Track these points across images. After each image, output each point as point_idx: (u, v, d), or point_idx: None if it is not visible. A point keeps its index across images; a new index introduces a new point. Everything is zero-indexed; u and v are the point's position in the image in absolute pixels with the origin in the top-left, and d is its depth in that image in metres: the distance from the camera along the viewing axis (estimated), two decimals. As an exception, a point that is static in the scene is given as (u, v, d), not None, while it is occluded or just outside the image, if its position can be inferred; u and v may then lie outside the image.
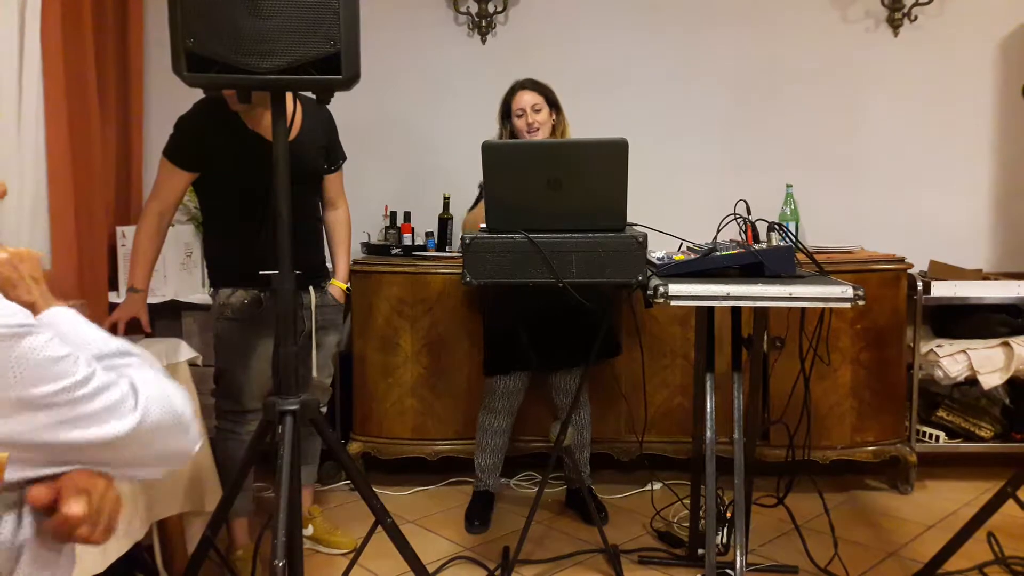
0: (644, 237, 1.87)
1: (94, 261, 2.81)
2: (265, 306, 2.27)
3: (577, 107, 2.80)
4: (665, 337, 3.02)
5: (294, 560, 1.66)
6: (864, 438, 2.96)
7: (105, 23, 3.01)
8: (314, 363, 2.34)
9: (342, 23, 1.55)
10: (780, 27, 3.35)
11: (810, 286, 1.79)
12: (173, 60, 1.56)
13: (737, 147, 3.39)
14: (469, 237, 1.89)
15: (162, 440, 1.01)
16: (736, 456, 1.99)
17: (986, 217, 3.35)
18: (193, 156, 2.24)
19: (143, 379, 1.02)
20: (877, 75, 3.33)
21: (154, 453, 1.01)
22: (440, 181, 3.31)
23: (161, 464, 1.04)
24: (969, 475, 3.08)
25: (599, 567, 2.44)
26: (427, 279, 3.00)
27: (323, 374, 2.48)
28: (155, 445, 1.00)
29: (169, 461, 1.05)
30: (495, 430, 2.75)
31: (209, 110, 2.23)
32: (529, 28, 3.42)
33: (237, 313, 2.28)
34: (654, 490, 2.98)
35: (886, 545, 2.55)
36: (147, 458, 1.01)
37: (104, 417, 0.93)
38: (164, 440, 1.01)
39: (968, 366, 2.95)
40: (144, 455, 1.00)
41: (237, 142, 2.22)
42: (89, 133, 2.79)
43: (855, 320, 2.90)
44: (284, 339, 1.72)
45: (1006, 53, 3.28)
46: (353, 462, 1.92)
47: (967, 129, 3.32)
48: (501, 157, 1.91)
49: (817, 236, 3.26)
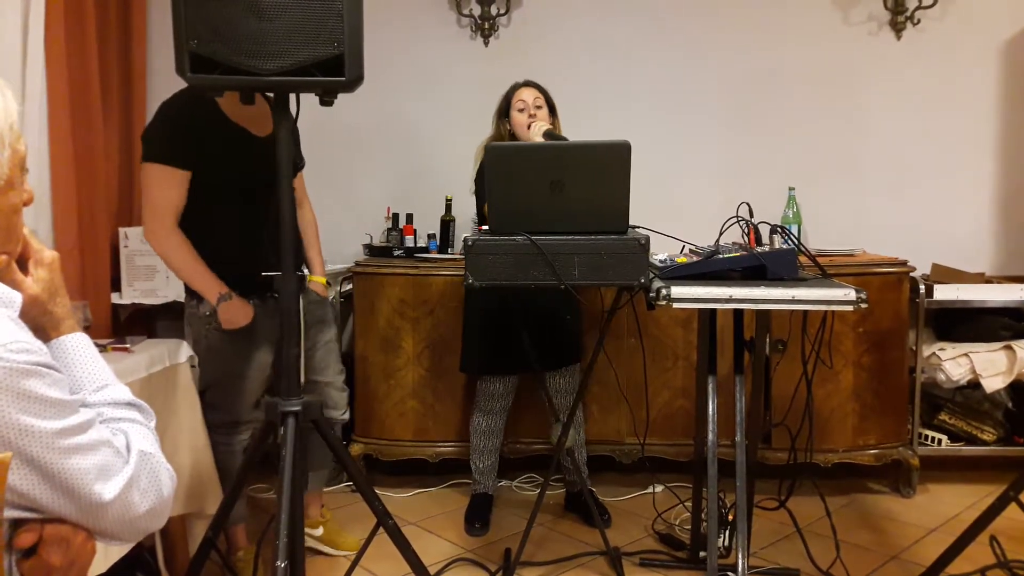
0: (646, 239, 1.87)
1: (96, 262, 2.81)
2: (256, 315, 2.20)
3: (580, 109, 2.80)
4: (667, 339, 3.02)
5: (296, 561, 1.66)
6: (866, 441, 2.96)
7: (108, 25, 3.02)
8: (302, 366, 2.32)
9: (346, 25, 1.55)
10: (782, 30, 3.35)
11: (812, 289, 1.79)
12: (176, 62, 1.56)
13: (739, 150, 3.39)
14: (471, 239, 1.89)
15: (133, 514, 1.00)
16: (738, 459, 1.99)
17: (989, 220, 3.35)
18: (192, 153, 2.10)
19: (138, 448, 1.02)
20: (879, 78, 3.33)
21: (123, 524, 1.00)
22: (442, 183, 3.31)
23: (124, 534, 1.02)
24: (971, 479, 3.08)
25: (601, 569, 2.44)
26: (429, 281, 3.00)
27: (332, 373, 2.47)
28: (127, 516, 0.99)
29: (128, 535, 1.03)
30: (489, 431, 2.76)
31: (195, 102, 2.09)
32: (532, 30, 3.42)
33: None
34: (655, 492, 2.98)
35: (888, 548, 2.55)
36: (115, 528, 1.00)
37: (92, 474, 0.94)
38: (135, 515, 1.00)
39: (970, 369, 2.94)
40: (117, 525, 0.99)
41: (223, 137, 2.14)
42: (92, 134, 2.80)
43: (857, 323, 2.89)
44: (287, 340, 1.72)
45: (1009, 56, 3.28)
46: (355, 463, 1.92)
47: (969, 132, 3.32)
48: (504, 159, 1.91)
49: (819, 239, 3.25)
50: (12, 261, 1.04)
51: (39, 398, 0.89)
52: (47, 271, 1.08)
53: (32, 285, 1.05)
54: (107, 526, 0.98)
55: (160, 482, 1.03)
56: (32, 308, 1.04)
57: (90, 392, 1.06)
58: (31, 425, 0.88)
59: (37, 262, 1.07)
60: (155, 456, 1.04)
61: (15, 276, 1.04)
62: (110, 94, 3.02)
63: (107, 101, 2.97)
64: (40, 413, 0.89)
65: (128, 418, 1.07)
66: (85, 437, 0.94)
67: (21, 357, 0.87)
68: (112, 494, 0.96)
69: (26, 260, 1.07)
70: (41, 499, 0.91)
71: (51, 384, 0.90)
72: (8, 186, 0.98)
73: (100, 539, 1.00)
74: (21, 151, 1.01)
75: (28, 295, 1.03)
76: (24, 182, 1.03)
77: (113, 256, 2.99)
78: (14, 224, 1.02)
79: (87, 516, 0.95)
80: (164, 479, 1.04)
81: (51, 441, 0.90)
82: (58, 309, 1.08)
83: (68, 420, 0.92)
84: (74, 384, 1.05)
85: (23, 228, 1.05)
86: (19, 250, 1.05)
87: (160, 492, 1.03)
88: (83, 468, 0.93)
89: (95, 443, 0.95)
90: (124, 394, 1.09)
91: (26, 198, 1.04)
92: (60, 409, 0.91)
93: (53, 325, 1.08)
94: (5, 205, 0.99)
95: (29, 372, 0.88)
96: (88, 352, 1.09)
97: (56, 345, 1.07)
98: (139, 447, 1.02)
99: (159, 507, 1.03)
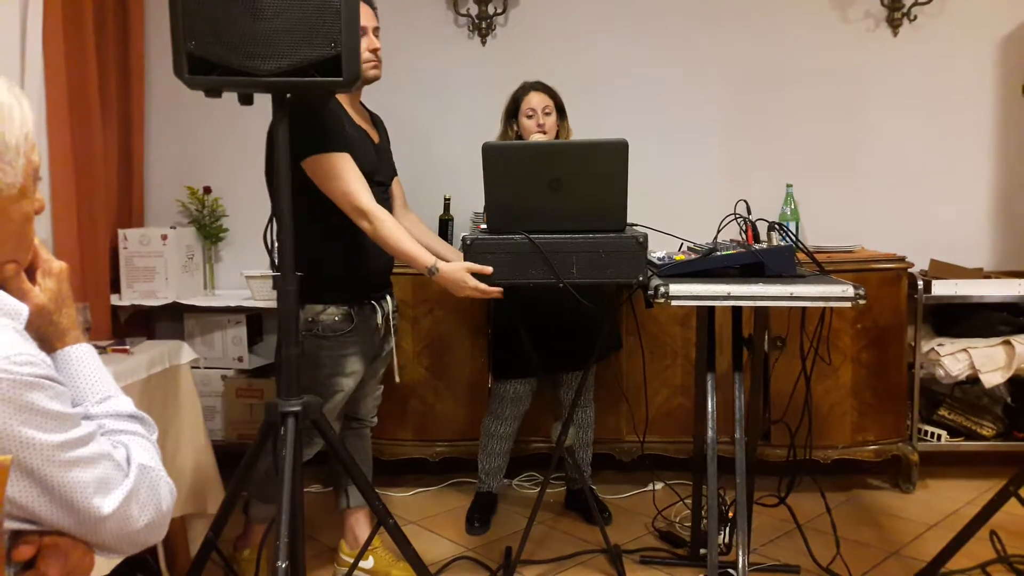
0: (644, 237, 1.87)
1: (96, 264, 2.82)
2: (355, 322, 2.15)
3: (577, 108, 2.80)
4: (666, 337, 3.02)
5: (296, 562, 1.66)
6: (865, 437, 2.96)
7: (106, 27, 3.02)
8: (395, 368, 2.34)
9: (343, 25, 1.56)
10: (780, 27, 3.35)
11: (811, 285, 1.79)
12: (174, 63, 1.56)
13: (737, 147, 3.40)
14: (470, 238, 1.89)
15: (132, 527, 1.00)
16: (738, 456, 2.00)
17: (987, 216, 3.35)
18: (341, 137, 2.00)
19: (138, 461, 1.02)
20: (877, 75, 3.33)
21: (121, 537, 1.00)
22: (440, 183, 3.31)
23: (122, 547, 1.01)
24: (971, 474, 3.08)
25: (601, 567, 2.44)
26: (429, 280, 3.00)
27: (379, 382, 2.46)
28: (125, 529, 0.99)
29: (126, 548, 1.02)
30: (501, 435, 2.74)
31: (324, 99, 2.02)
32: (529, 30, 3.42)
33: (327, 330, 2.12)
34: (655, 490, 2.98)
35: (888, 544, 2.55)
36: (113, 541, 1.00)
37: (92, 487, 0.94)
38: (134, 528, 1.00)
39: (969, 365, 2.95)
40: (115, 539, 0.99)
41: (356, 135, 2.10)
42: (91, 136, 2.81)
43: (856, 319, 2.90)
44: (287, 341, 1.72)
45: (1006, 52, 3.28)
46: (355, 463, 1.92)
47: (967, 128, 3.32)
48: (501, 158, 1.91)
49: (817, 236, 3.26)
50: (21, 270, 1.04)
51: (41, 411, 0.89)
52: (55, 281, 1.08)
53: (39, 295, 1.05)
54: (105, 539, 0.98)
55: (159, 496, 1.03)
56: (38, 318, 1.04)
57: (93, 404, 1.06)
58: (32, 437, 0.88)
59: (45, 272, 1.08)
60: (155, 470, 1.04)
61: (23, 285, 1.04)
62: (108, 96, 3.02)
63: (105, 103, 2.97)
64: (41, 426, 0.89)
65: (130, 430, 1.07)
66: (86, 450, 0.94)
67: (24, 369, 0.87)
68: (111, 508, 0.96)
69: (35, 270, 1.07)
70: (40, 511, 0.92)
71: (53, 397, 0.91)
72: (21, 195, 0.99)
73: (98, 552, 1.00)
74: (35, 161, 1.01)
75: (35, 305, 1.03)
76: (36, 191, 1.03)
77: (112, 258, 3.00)
78: (26, 232, 1.02)
79: (85, 529, 0.95)
80: (164, 493, 1.04)
81: (51, 454, 0.90)
82: (64, 320, 1.08)
83: (69, 433, 0.92)
84: (77, 395, 1.05)
85: (34, 237, 1.06)
86: (29, 259, 1.06)
87: (159, 506, 1.03)
88: (83, 481, 0.93)
89: (95, 456, 0.95)
90: (127, 406, 1.10)
91: (38, 207, 1.04)
92: (61, 422, 0.91)
93: (58, 336, 1.08)
94: (18, 213, 0.99)
95: (32, 384, 0.88)
96: (92, 363, 1.10)
97: (60, 356, 1.07)
98: (139, 460, 1.02)
99: (158, 521, 1.03)
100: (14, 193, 0.98)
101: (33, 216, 1.03)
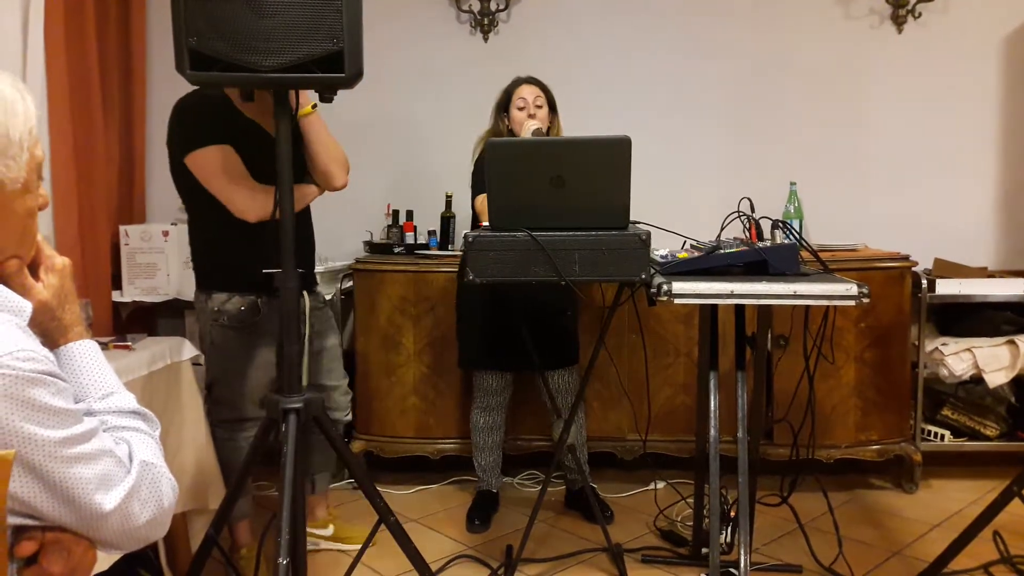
0: (647, 235, 1.86)
1: (97, 260, 2.82)
2: (262, 312, 2.19)
3: (580, 104, 2.80)
4: (668, 335, 3.02)
5: (298, 558, 1.66)
6: (868, 437, 2.96)
7: (108, 22, 3.02)
8: (304, 369, 2.31)
9: (345, 21, 1.55)
10: (784, 24, 3.34)
11: (814, 284, 1.78)
12: (176, 59, 1.56)
13: (741, 145, 3.39)
14: (472, 235, 1.88)
15: (133, 524, 1.00)
16: (740, 455, 1.99)
17: (991, 215, 3.34)
18: (220, 132, 2.07)
19: (140, 458, 1.02)
20: (881, 72, 3.32)
21: (123, 534, 1.00)
22: (442, 179, 3.30)
23: (123, 543, 1.02)
24: (974, 474, 3.07)
25: (602, 566, 2.44)
26: (429, 278, 3.00)
27: (336, 378, 2.46)
28: (127, 526, 0.99)
29: (128, 544, 1.03)
30: (490, 426, 2.76)
31: (209, 95, 2.09)
32: (531, 26, 3.41)
33: (233, 320, 2.18)
34: (657, 489, 2.98)
35: (891, 544, 2.54)
36: (115, 537, 1.00)
37: (93, 484, 0.94)
38: (135, 525, 1.00)
39: (973, 364, 2.94)
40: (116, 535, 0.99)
41: (240, 131, 2.13)
42: (92, 132, 2.80)
43: (859, 318, 2.89)
44: (288, 338, 1.72)
45: (1011, 49, 3.27)
46: (356, 461, 1.92)
47: (972, 126, 3.31)
48: (505, 155, 1.91)
49: (821, 234, 3.24)
50: (24, 266, 1.04)
51: (43, 407, 0.89)
52: (58, 277, 1.08)
53: (42, 291, 1.05)
54: (107, 536, 0.98)
55: (161, 492, 1.03)
56: (41, 314, 1.04)
57: (95, 400, 1.06)
58: (34, 434, 0.88)
59: (48, 268, 1.08)
60: (157, 466, 1.04)
61: (26, 281, 1.04)
62: (110, 92, 3.02)
63: (107, 99, 2.97)
64: (43, 422, 0.89)
65: (132, 427, 1.06)
66: (87, 447, 0.94)
67: (27, 365, 0.87)
68: (112, 504, 0.96)
69: (38, 266, 1.07)
70: (41, 507, 0.91)
71: (55, 393, 0.90)
72: (25, 190, 0.99)
73: (100, 548, 1.00)
74: (38, 156, 1.01)
75: (38, 301, 1.03)
76: (39, 187, 1.03)
77: (114, 254, 3.00)
78: (29, 228, 1.02)
79: (87, 525, 0.95)
80: (165, 489, 1.04)
81: (53, 450, 0.90)
82: (67, 316, 1.08)
83: (71, 429, 0.92)
84: (80, 391, 1.05)
85: (37, 233, 1.06)
86: (32, 255, 1.06)
87: (160, 503, 1.02)
88: (84, 478, 0.93)
89: (97, 453, 0.95)
90: (129, 402, 1.09)
91: (41, 203, 1.04)
92: (63, 418, 0.91)
93: (61, 332, 1.08)
94: (21, 209, 0.99)
95: (34, 381, 0.87)
96: (95, 359, 1.09)
97: (63, 352, 1.07)
98: (141, 457, 1.02)
99: (159, 517, 1.03)
100: (17, 188, 0.97)
101: (36, 212, 1.03)
